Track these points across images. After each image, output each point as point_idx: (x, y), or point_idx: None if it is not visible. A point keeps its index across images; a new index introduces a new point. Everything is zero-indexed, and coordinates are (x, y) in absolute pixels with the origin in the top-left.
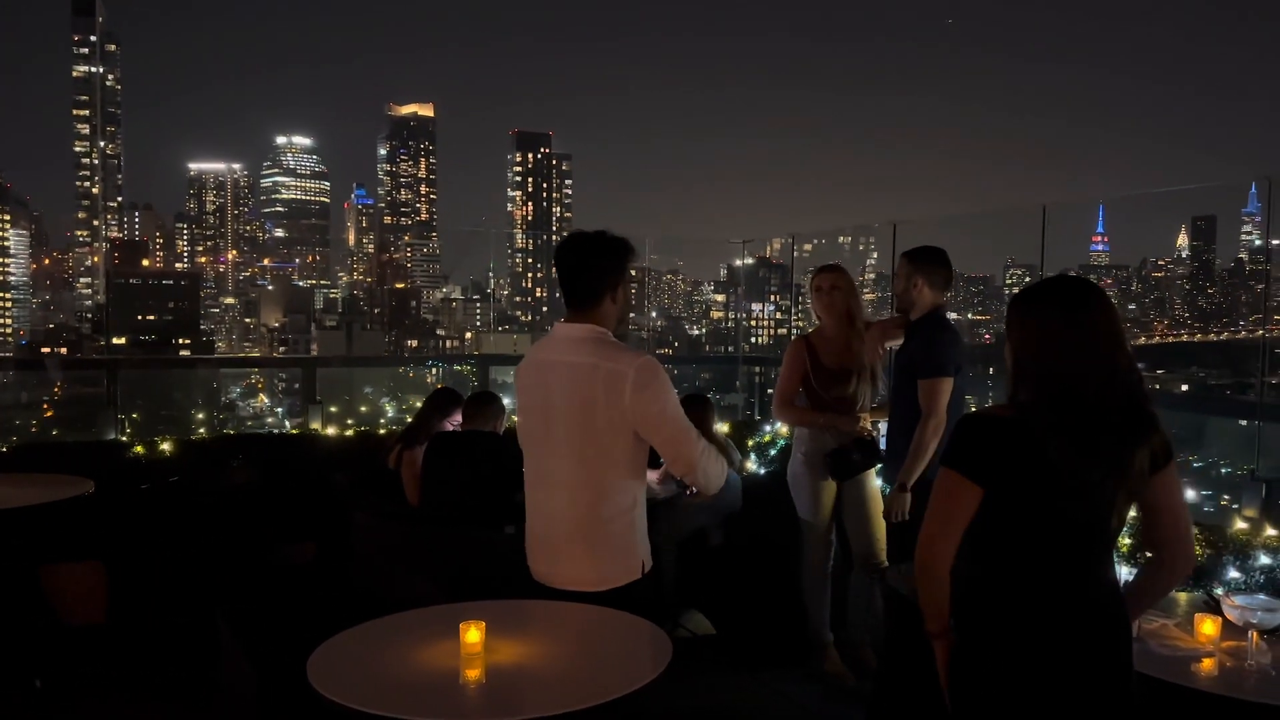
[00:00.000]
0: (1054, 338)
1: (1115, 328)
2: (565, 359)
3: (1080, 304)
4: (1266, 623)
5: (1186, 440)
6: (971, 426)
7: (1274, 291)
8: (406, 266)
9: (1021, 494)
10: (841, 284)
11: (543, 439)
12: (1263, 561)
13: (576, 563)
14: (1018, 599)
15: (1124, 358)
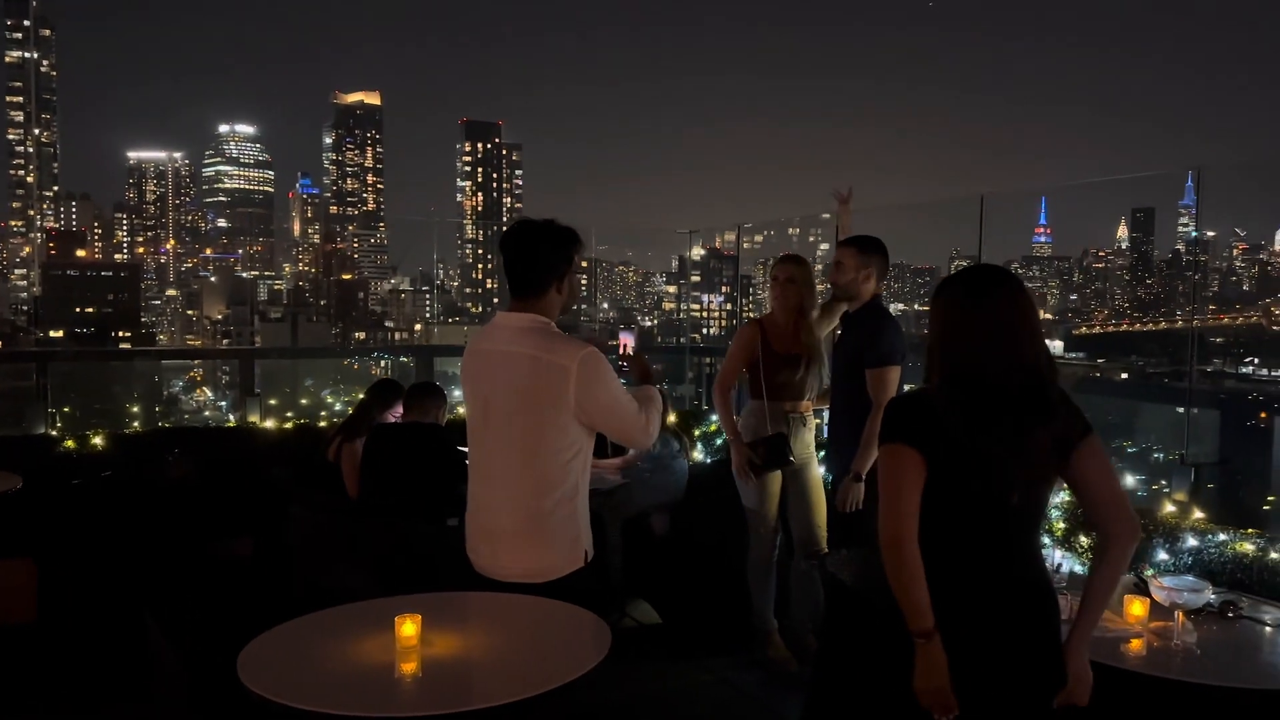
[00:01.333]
0: (958, 322)
1: (1021, 313)
2: (507, 349)
3: (983, 291)
4: (1192, 603)
5: (1123, 427)
6: (898, 403)
7: (1210, 280)
8: (353, 257)
9: (941, 469)
10: (799, 277)
11: (484, 430)
12: (1190, 544)
13: (519, 555)
14: (946, 578)
15: (1029, 341)
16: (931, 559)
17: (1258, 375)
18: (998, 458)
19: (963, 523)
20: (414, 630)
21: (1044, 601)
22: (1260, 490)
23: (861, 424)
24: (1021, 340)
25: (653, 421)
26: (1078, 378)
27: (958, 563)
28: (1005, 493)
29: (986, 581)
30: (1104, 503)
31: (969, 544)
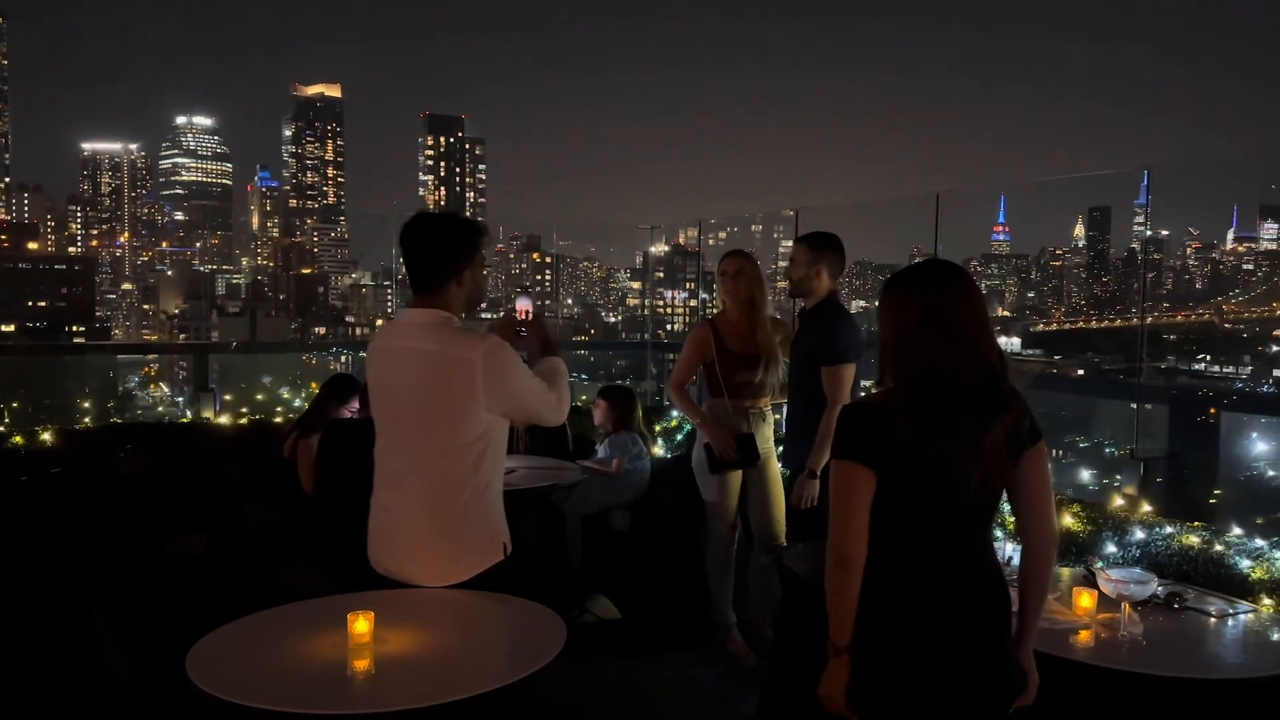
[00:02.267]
0: (914, 319)
1: (973, 308)
2: (410, 345)
3: (935, 285)
4: (1138, 595)
5: (1077, 422)
6: (850, 415)
7: (1164, 278)
8: (313, 251)
9: (896, 475)
10: (746, 269)
11: (391, 430)
12: (1138, 536)
13: (431, 558)
14: (893, 581)
15: (983, 337)
16: (883, 562)
17: (1209, 372)
18: (956, 457)
19: (917, 525)
20: (367, 627)
21: (996, 600)
22: (1207, 484)
23: (818, 420)
24: (976, 334)
25: (563, 398)
26: (1032, 374)
27: (910, 564)
28: (961, 491)
29: (940, 582)
30: (1038, 511)
31: (922, 544)
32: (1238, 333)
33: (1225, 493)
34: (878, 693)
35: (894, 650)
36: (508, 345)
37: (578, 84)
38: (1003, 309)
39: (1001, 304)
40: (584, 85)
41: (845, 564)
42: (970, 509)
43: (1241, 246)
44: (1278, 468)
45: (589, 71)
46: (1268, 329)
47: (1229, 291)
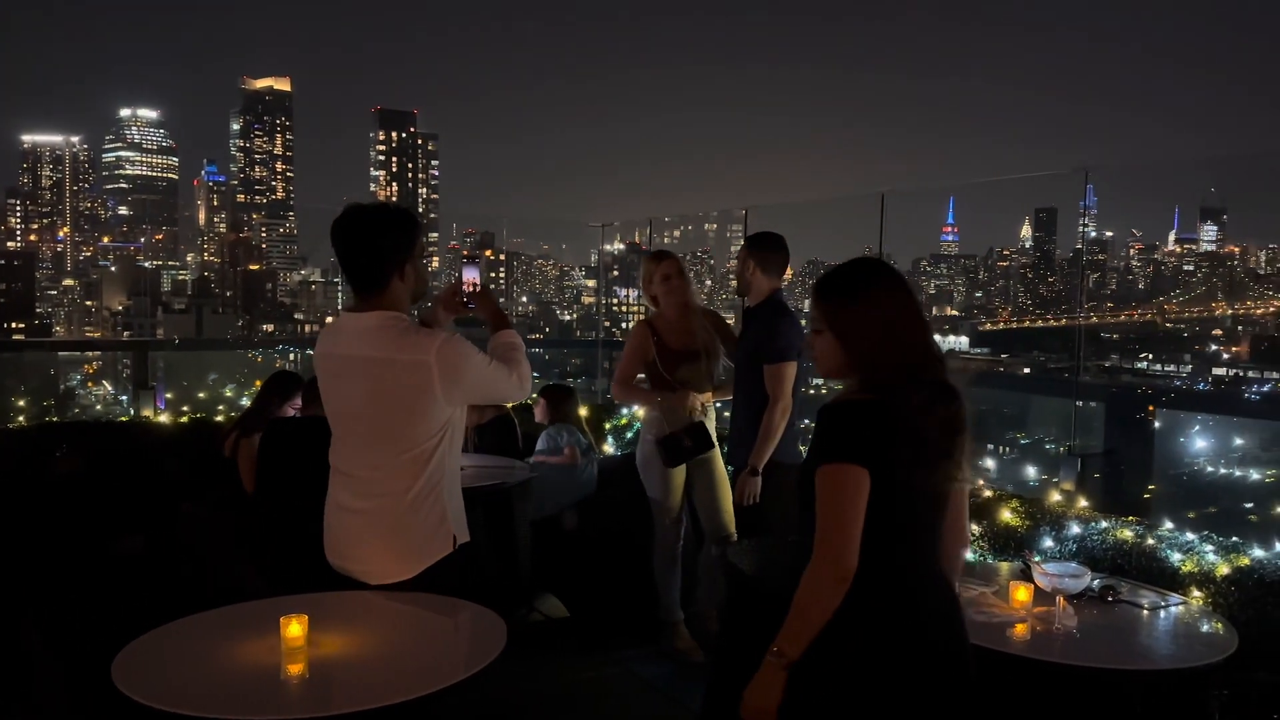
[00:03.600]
0: (898, 316)
1: (916, 300)
2: (359, 352)
3: (904, 281)
4: (1072, 588)
5: (1019, 420)
6: (841, 415)
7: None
8: (261, 247)
9: (894, 476)
10: (680, 270)
11: (345, 435)
12: (1074, 531)
13: (385, 555)
14: (887, 582)
15: (928, 327)
16: (869, 572)
17: (1151, 370)
18: (950, 451)
19: (907, 529)
20: (300, 631)
21: (955, 596)
22: (1142, 480)
23: (760, 417)
24: (927, 327)
25: (523, 374)
26: (974, 372)
27: (897, 572)
28: (946, 488)
29: (925, 588)
30: (964, 510)
31: (909, 550)
32: (1179, 332)
33: (1160, 488)
34: (844, 711)
35: (873, 666)
36: (458, 338)
37: (530, 81)
38: (951, 308)
39: (950, 303)
40: (536, 82)
41: (845, 580)
42: (943, 509)
43: (1182, 248)
44: (1211, 463)
45: (541, 69)
46: (1207, 329)
47: (1170, 292)
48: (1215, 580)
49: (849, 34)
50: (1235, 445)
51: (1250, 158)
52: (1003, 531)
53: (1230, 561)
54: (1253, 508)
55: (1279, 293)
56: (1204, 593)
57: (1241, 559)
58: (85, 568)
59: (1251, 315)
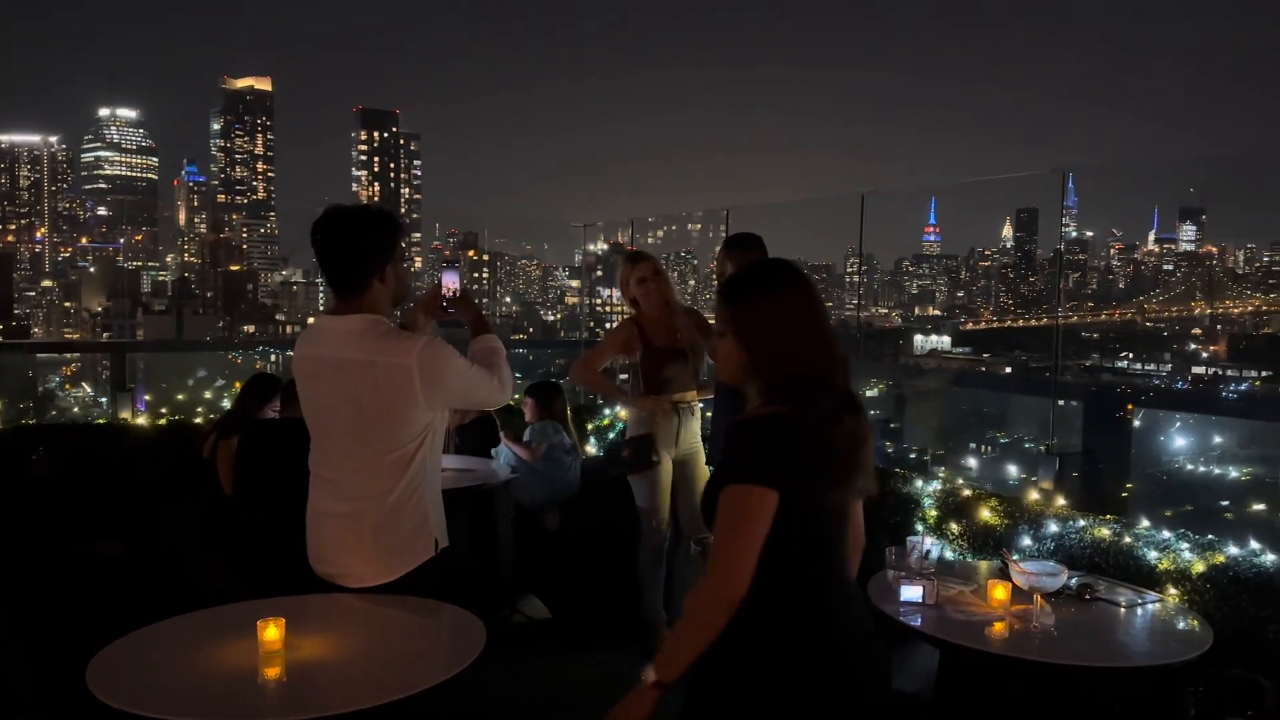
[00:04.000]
0: (802, 319)
1: (825, 308)
2: (339, 355)
3: (810, 284)
4: (1049, 586)
5: (1001, 419)
6: (751, 432)
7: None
8: (242, 248)
9: (804, 494)
10: (657, 270)
11: (325, 438)
12: (1052, 529)
13: (366, 559)
14: (804, 602)
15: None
16: (786, 587)
17: (1131, 369)
18: (859, 465)
19: (814, 549)
20: (277, 634)
21: (867, 609)
22: (1120, 478)
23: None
24: (831, 333)
25: (505, 378)
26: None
27: (819, 583)
28: (851, 497)
29: (844, 594)
30: (859, 518)
31: (821, 562)
32: (1158, 331)
33: (1137, 486)
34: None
35: (794, 689)
36: (440, 341)
37: (514, 81)
38: (933, 308)
39: (932, 303)
40: (520, 82)
41: (734, 604)
42: (847, 520)
43: (1161, 248)
44: (1191, 461)
45: (525, 69)
46: (1186, 327)
47: (1150, 291)
48: (1191, 578)
49: (833, 33)
50: (1214, 443)
51: (1229, 158)
52: (982, 530)
53: (1206, 559)
54: (1229, 505)
55: (1257, 292)
56: (1180, 590)
57: (1217, 556)
58: (62, 571)
59: (1229, 315)
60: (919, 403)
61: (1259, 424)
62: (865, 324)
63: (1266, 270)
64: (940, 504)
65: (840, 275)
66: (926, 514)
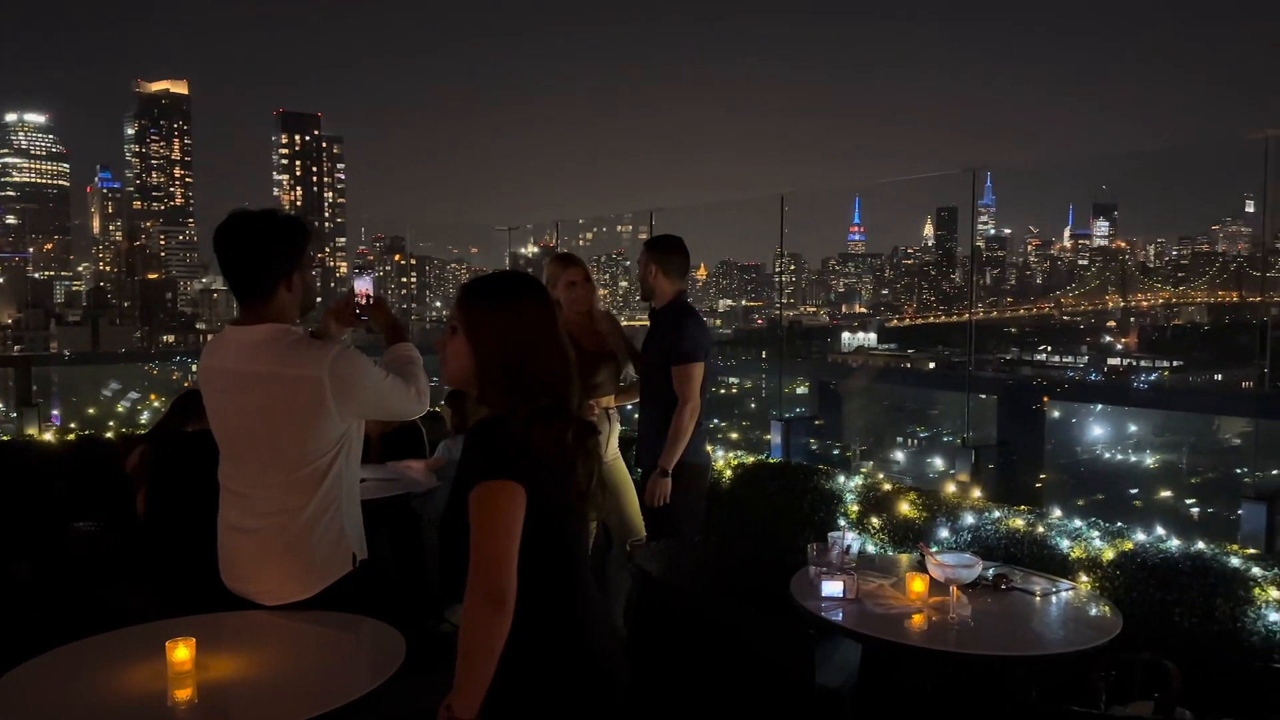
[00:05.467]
0: (537, 336)
1: (556, 321)
2: (246, 368)
3: (550, 303)
4: (964, 578)
5: (922, 414)
6: (490, 432)
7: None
8: (160, 255)
9: (546, 492)
10: (587, 276)
11: (234, 453)
12: (969, 521)
13: (280, 576)
14: (560, 616)
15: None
16: (544, 597)
17: (1050, 362)
18: (582, 481)
19: (568, 548)
20: (187, 654)
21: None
22: (1034, 469)
23: (669, 419)
24: (564, 354)
25: (421, 388)
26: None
27: (566, 594)
28: (583, 506)
29: (587, 602)
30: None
31: (569, 570)
32: (1075, 324)
33: (1053, 476)
34: None
35: (552, 703)
36: (352, 351)
37: (436, 84)
38: (860, 306)
39: (858, 301)
40: (442, 85)
41: (502, 605)
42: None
43: (1076, 243)
44: (1109, 449)
45: (447, 71)
46: (1101, 321)
47: (1066, 286)
48: (1102, 565)
49: (758, 32)
50: (1130, 432)
51: (1140, 155)
52: (902, 524)
53: (1115, 546)
54: (1137, 493)
55: (1167, 285)
56: (1091, 578)
57: (1125, 544)
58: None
59: (1141, 307)
60: (844, 400)
61: (1171, 412)
62: (794, 322)
63: (1175, 264)
64: (862, 499)
65: (769, 275)
66: (848, 509)
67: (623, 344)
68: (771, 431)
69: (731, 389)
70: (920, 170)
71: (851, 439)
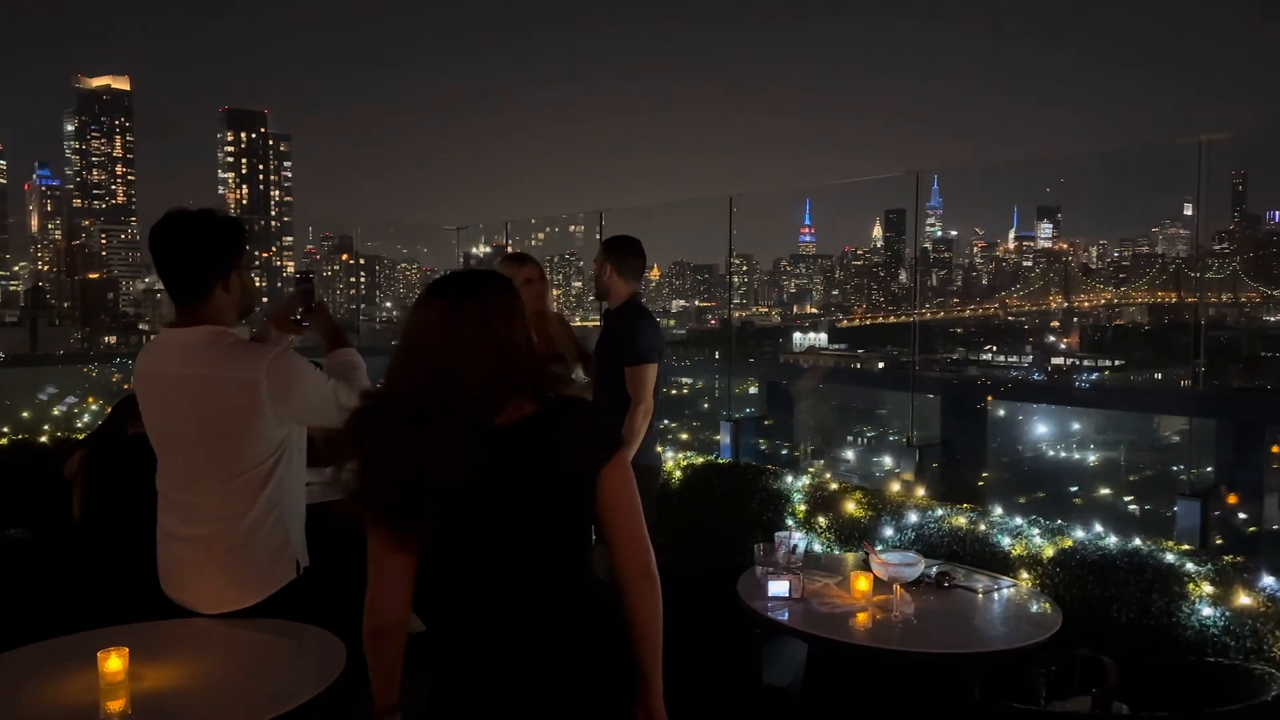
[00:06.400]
0: (430, 335)
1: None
2: (181, 371)
3: (460, 306)
4: (907, 576)
5: (869, 413)
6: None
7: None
8: (101, 255)
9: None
10: (542, 274)
11: (171, 459)
12: (912, 520)
13: (220, 584)
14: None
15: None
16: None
17: (995, 361)
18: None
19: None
20: (120, 665)
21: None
22: (977, 467)
23: (622, 419)
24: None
25: (354, 380)
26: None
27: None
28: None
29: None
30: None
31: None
32: (1020, 325)
33: (995, 475)
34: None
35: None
36: (291, 354)
37: (385, 82)
38: (811, 306)
39: (810, 301)
40: (391, 84)
41: (373, 616)
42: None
43: (1020, 245)
44: (1052, 447)
45: (398, 70)
46: (1045, 321)
47: (1011, 287)
48: (1042, 562)
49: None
50: (1074, 430)
51: (1084, 158)
52: (848, 523)
53: (1055, 544)
54: (1077, 491)
55: (1108, 286)
56: (1032, 575)
57: (1065, 541)
58: None
59: (1082, 308)
60: (794, 400)
61: (1112, 411)
62: (747, 323)
63: (1117, 265)
64: (809, 498)
65: (722, 275)
66: (796, 509)
67: (573, 346)
68: (721, 432)
69: (684, 389)
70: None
71: (801, 439)
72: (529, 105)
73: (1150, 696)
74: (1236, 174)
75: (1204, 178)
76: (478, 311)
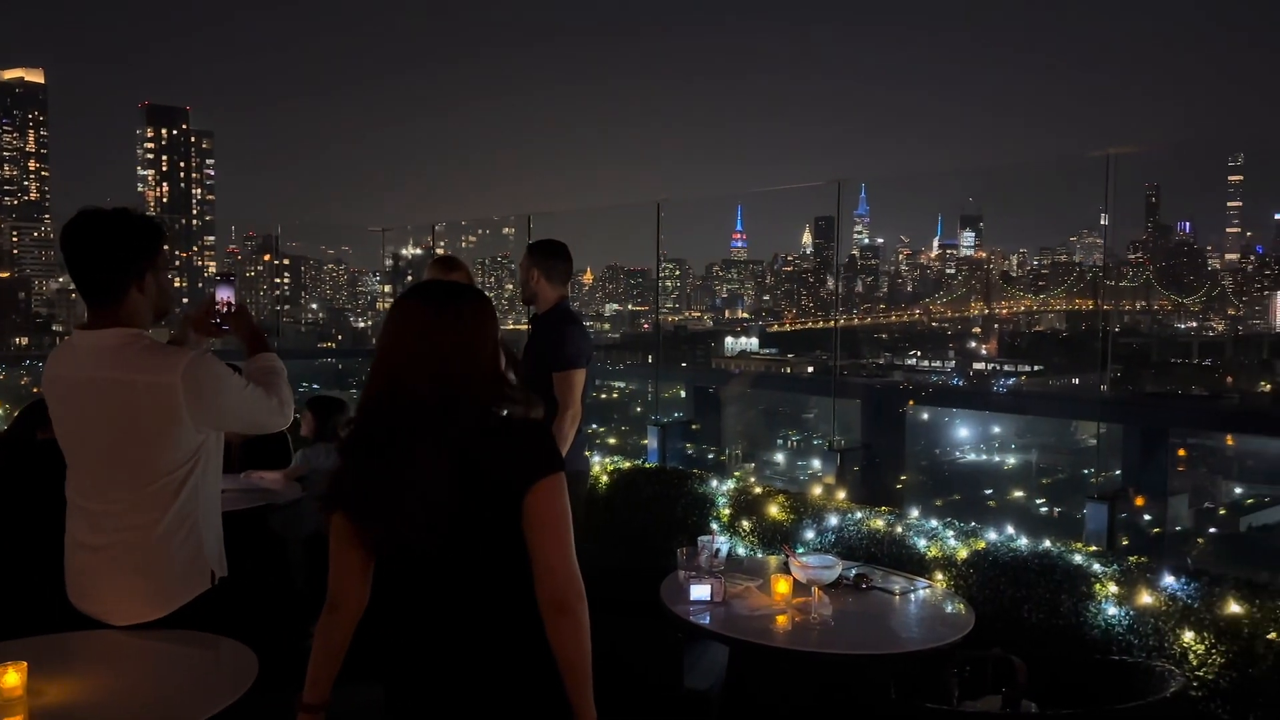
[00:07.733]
0: (404, 336)
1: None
2: (94, 375)
3: (428, 314)
4: (825, 578)
5: (797, 417)
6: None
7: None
8: (13, 253)
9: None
10: (469, 278)
11: (82, 467)
12: (833, 522)
13: (131, 595)
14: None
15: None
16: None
17: (920, 366)
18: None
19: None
20: (17, 680)
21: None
22: (896, 470)
23: (550, 425)
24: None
25: (284, 399)
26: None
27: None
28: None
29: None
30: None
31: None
32: (942, 330)
33: (914, 478)
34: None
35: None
36: (209, 358)
37: (310, 81)
38: (742, 311)
39: (741, 306)
40: (316, 83)
41: (332, 608)
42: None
43: (944, 253)
44: (974, 451)
45: (321, 68)
46: (967, 327)
47: (935, 294)
48: (956, 564)
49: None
50: (994, 433)
51: (1004, 168)
52: (770, 526)
53: (969, 545)
54: (991, 494)
55: (1028, 293)
56: (947, 576)
57: (978, 543)
58: None
59: (1002, 315)
60: (723, 404)
61: (1029, 416)
62: (679, 327)
63: (1036, 273)
64: (733, 502)
65: (655, 280)
66: (720, 513)
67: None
68: (648, 436)
69: (614, 394)
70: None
71: (729, 443)
72: (461, 111)
73: (1058, 695)
74: (1150, 186)
75: (1113, 189)
76: (456, 321)
